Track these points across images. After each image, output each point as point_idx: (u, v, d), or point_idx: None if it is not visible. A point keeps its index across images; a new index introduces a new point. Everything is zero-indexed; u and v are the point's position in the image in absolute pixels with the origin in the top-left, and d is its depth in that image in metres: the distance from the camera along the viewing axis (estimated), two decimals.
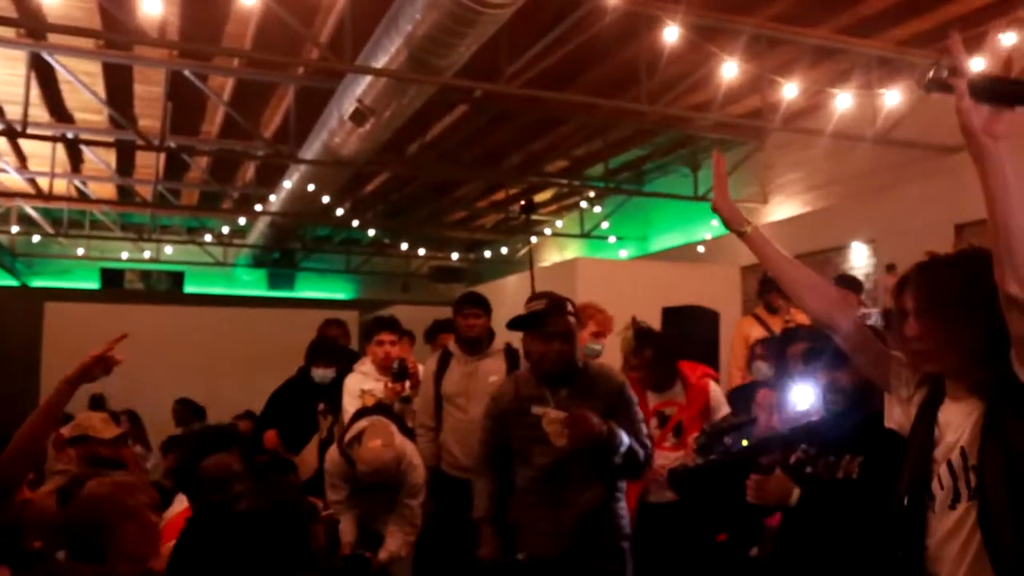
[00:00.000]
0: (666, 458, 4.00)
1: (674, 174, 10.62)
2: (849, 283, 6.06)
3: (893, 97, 6.85)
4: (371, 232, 13.44)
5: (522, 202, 5.47)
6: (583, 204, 11.85)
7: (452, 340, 4.64)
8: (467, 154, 10.05)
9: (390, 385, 4.53)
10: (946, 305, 1.76)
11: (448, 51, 5.18)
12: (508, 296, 8.52)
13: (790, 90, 6.09)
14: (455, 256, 14.46)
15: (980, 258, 1.67)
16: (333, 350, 5.36)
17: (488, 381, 4.26)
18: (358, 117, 6.46)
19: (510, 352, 4.40)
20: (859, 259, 8.06)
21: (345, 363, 5.06)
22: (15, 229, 12.10)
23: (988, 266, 1.56)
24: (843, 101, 6.51)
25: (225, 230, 13.08)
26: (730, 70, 5.74)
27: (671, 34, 5.23)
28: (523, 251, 13.92)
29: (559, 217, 12.95)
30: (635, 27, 5.65)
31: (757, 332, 5.67)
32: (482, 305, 4.48)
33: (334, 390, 4.87)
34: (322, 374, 5.13)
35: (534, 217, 12.96)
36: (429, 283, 15.49)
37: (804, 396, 3.07)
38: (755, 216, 9.66)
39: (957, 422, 1.79)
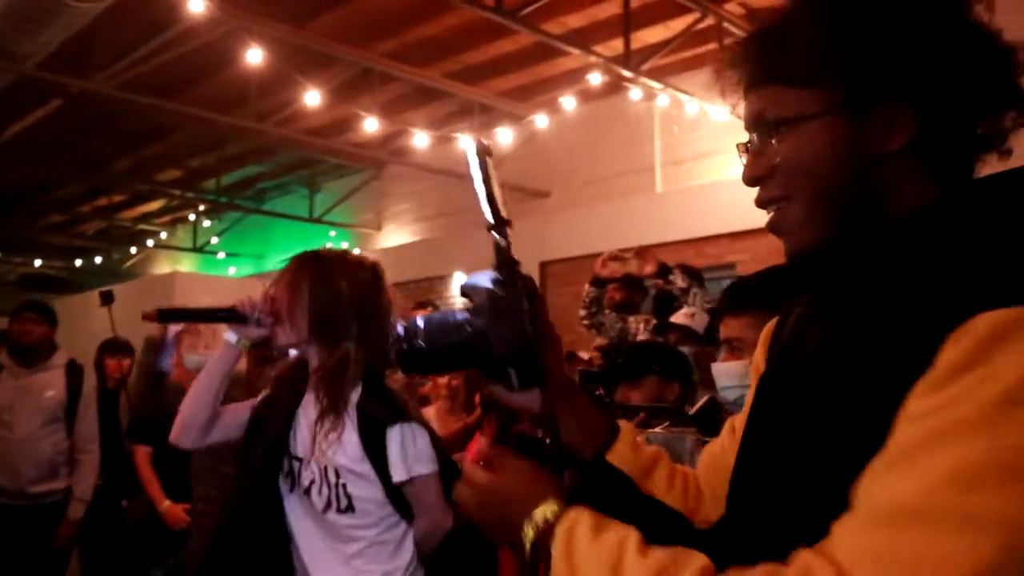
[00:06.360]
0: None
1: (293, 194, 10.62)
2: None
3: (494, 142, 7.44)
4: None
5: (100, 291, 5.09)
6: (191, 217, 11.40)
7: (4, 351, 4.19)
8: (66, 154, 9.21)
9: None
10: None
11: (27, 38, 4.75)
12: (100, 309, 7.88)
13: (371, 124, 6.44)
14: (38, 263, 13.15)
15: None
16: None
17: (44, 396, 3.93)
18: None
19: (72, 367, 4.08)
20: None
21: None
22: None
23: None
24: (421, 140, 7.08)
25: None
26: (313, 99, 5.92)
27: (255, 56, 5.25)
28: (129, 262, 13.03)
29: (171, 228, 12.31)
30: (235, 48, 5.58)
31: None
32: (42, 312, 4.10)
33: None
34: None
35: (143, 227, 12.21)
36: (18, 291, 13.87)
37: None
38: (369, 243, 9.95)
39: None
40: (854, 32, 0.83)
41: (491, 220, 1.03)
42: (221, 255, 11.39)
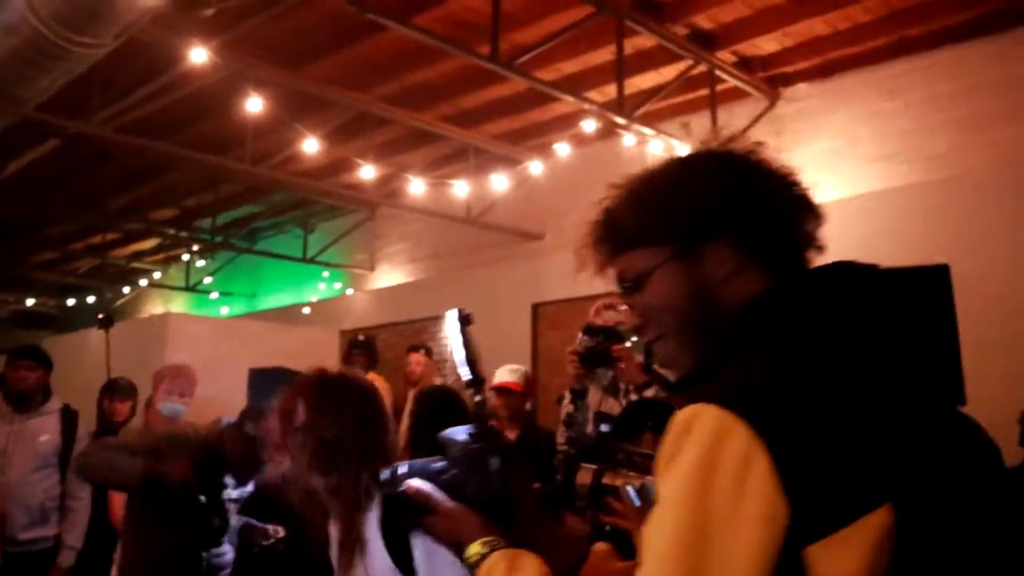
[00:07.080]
0: None
1: (287, 234, 10.65)
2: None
3: (488, 185, 7.52)
4: None
5: (100, 316, 5.05)
6: (185, 257, 11.42)
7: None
8: (61, 192, 9.24)
9: None
10: None
11: (28, 82, 4.78)
12: (92, 349, 7.88)
13: (368, 171, 6.53)
14: (31, 301, 13.13)
15: None
16: None
17: (38, 441, 3.94)
18: None
19: (67, 413, 4.09)
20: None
21: None
22: None
23: None
24: (417, 187, 7.17)
25: None
26: (311, 146, 6.02)
27: (254, 105, 5.34)
28: (120, 301, 13.01)
29: (164, 267, 12.32)
30: (233, 91, 5.67)
31: None
32: (36, 358, 4.12)
33: None
34: None
35: (136, 265, 12.21)
36: (9, 329, 13.83)
37: None
38: (362, 283, 9.96)
39: None
40: (666, 202, 1.08)
41: (470, 378, 1.27)
42: (214, 295, 11.39)
